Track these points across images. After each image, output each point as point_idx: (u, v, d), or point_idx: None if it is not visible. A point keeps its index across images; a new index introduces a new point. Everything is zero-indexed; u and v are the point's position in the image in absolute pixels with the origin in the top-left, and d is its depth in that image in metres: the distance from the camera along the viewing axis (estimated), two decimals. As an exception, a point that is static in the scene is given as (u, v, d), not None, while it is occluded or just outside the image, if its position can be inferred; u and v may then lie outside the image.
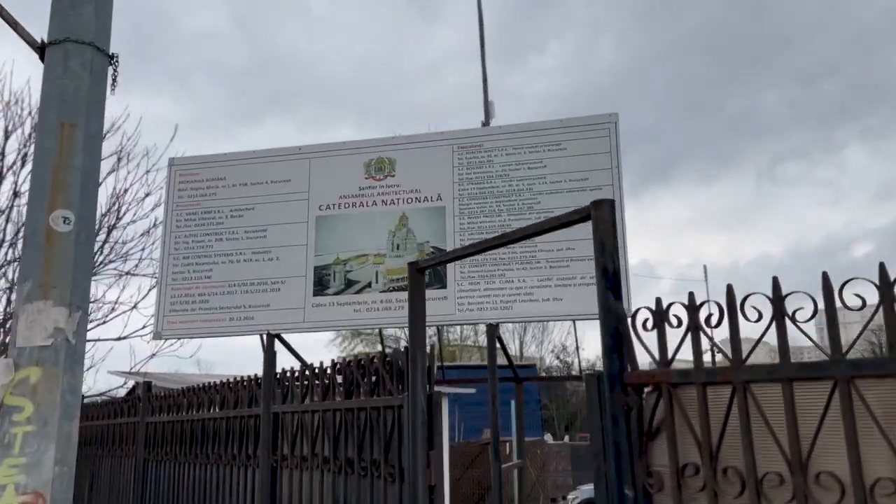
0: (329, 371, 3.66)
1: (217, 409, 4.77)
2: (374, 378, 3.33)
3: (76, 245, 2.39)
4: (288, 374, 4.03)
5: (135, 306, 11.25)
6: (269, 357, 4.26)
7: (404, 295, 5.96)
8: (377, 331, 31.65)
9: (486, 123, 6.54)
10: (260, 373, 4.99)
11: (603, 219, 2.32)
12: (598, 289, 2.24)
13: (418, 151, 6.25)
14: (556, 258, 5.74)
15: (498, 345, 6.18)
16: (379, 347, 31.13)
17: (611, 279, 2.25)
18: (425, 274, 3.18)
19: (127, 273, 10.84)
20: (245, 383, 4.51)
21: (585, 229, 5.71)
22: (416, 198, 6.14)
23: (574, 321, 6.34)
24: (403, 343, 29.98)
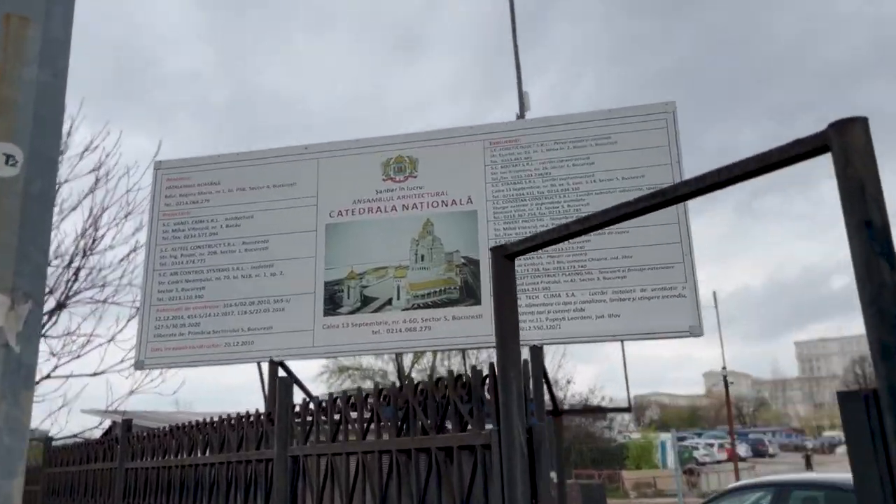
0: (371, 400, 2.78)
1: (215, 452, 3.86)
2: (441, 407, 2.46)
3: (26, 198, 1.50)
4: (311, 406, 3.14)
5: (112, 339, 10.19)
6: (284, 386, 3.38)
7: (430, 313, 5.11)
8: (364, 364, 30.33)
9: (520, 116, 5.76)
10: (252, 410, 4.05)
11: (855, 146, 1.48)
12: (855, 255, 1.37)
13: (444, 148, 5.44)
14: (609, 268, 4.92)
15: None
16: (368, 384, 29.76)
17: (880, 238, 1.39)
18: (515, 262, 2.33)
19: (103, 301, 9.83)
20: (252, 419, 3.61)
21: (642, 234, 4.92)
22: (443, 201, 5.32)
23: (622, 342, 5.48)
24: (393, 377, 28.61)
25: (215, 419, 3.97)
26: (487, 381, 2.38)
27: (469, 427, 2.39)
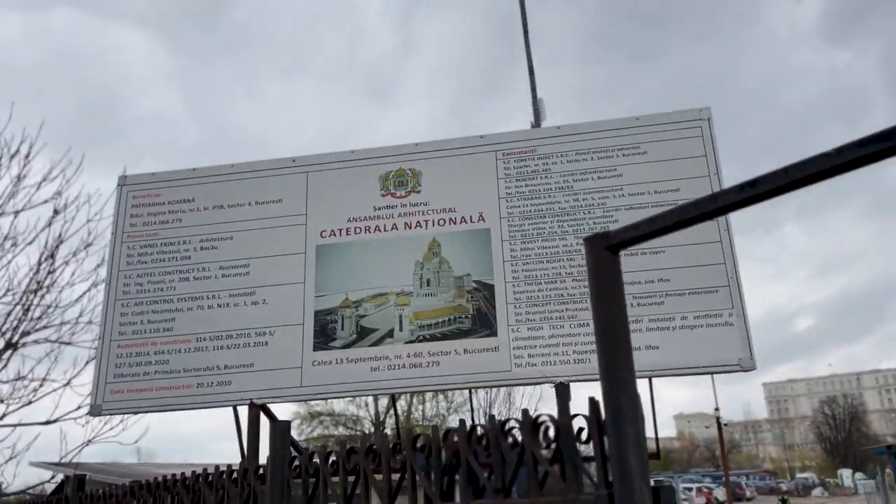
0: (405, 451, 2.09)
1: (187, 517, 3.11)
2: (512, 459, 1.80)
3: None
4: (317, 458, 2.44)
5: (68, 383, 9.24)
6: (280, 432, 2.67)
7: (438, 346, 4.43)
8: (336, 410, 29.00)
9: (536, 125, 5.19)
10: (227, 462, 3.32)
11: None
12: None
13: (451, 160, 4.83)
14: (644, 293, 4.31)
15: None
16: (340, 431, 28.41)
17: None
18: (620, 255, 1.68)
19: (58, 341, 8.93)
20: (235, 476, 2.89)
21: (680, 254, 4.32)
22: (451, 219, 4.68)
23: (650, 379, 4.78)
24: (368, 425, 27.37)
25: (187, 475, 3.22)
26: (572, 421, 1.72)
27: (544, 481, 1.72)
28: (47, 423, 9.11)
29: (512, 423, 1.83)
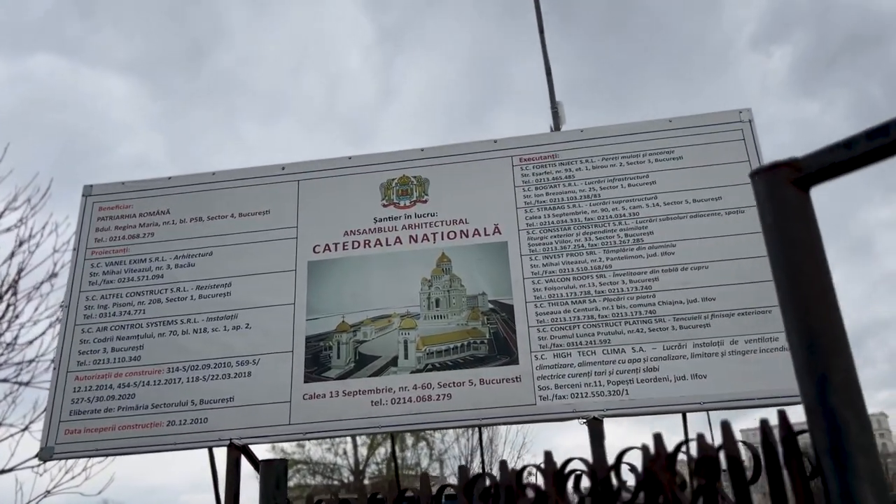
0: (458, 497, 1.50)
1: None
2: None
3: None
4: (324, 508, 1.83)
5: (27, 427, 8.43)
6: (273, 478, 2.06)
7: (450, 376, 3.83)
8: (311, 456, 27.72)
9: (555, 128, 4.69)
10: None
11: None
12: None
13: (462, 167, 4.30)
14: (687, 314, 3.76)
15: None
16: (318, 480, 27.10)
17: None
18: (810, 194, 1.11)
19: (16, 381, 8.16)
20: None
21: (725, 270, 3.77)
22: (463, 231, 4.13)
23: (684, 415, 4.18)
24: (347, 474, 26.18)
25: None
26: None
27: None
28: (2, 472, 8.23)
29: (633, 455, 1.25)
